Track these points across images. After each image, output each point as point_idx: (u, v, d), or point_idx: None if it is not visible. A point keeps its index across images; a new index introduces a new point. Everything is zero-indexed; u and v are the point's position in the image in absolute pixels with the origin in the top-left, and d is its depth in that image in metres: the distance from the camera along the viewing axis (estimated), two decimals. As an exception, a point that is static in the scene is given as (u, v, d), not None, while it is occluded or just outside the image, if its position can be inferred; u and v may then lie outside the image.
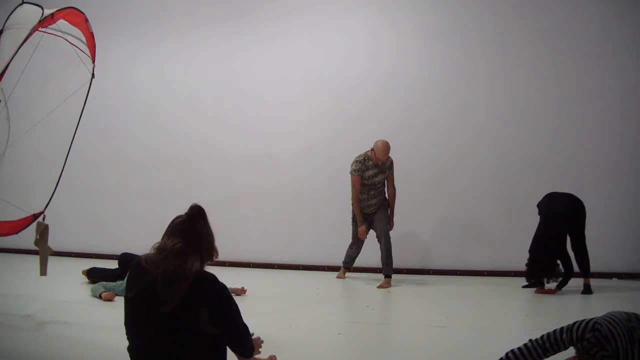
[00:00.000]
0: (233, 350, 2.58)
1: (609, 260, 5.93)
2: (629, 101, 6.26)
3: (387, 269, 5.71)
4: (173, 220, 2.46)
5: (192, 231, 2.41)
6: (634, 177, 6.21)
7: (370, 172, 5.74)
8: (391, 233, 5.80)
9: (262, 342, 2.82)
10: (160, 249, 2.36)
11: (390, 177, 5.87)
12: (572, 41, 6.33)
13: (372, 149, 5.72)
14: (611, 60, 6.26)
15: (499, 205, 6.40)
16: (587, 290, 5.27)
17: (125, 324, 2.39)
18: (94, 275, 5.29)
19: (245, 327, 2.56)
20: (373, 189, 5.79)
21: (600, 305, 4.60)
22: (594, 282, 5.36)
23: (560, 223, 5.25)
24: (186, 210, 2.48)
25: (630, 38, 6.24)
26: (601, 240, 5.64)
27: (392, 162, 5.86)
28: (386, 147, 5.67)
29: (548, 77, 6.39)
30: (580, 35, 6.32)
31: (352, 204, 5.82)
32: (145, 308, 2.30)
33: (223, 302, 2.42)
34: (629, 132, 6.25)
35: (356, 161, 5.73)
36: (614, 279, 6.02)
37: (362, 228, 5.76)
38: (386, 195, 5.94)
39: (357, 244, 5.97)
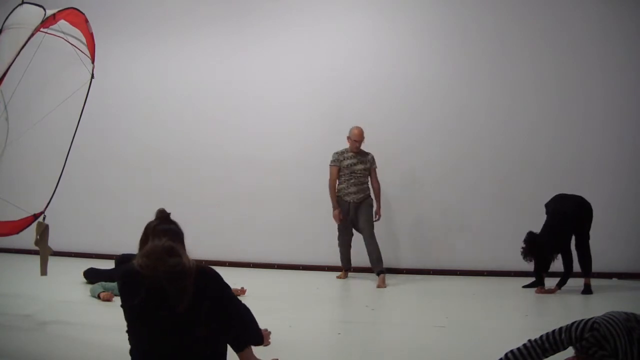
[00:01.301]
0: (241, 342, 2.59)
1: (609, 260, 5.92)
2: (629, 101, 6.26)
3: (379, 266, 5.81)
4: (148, 225, 2.49)
5: (172, 230, 2.46)
6: (634, 177, 6.21)
7: (349, 162, 6.00)
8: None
9: (270, 332, 2.86)
10: (150, 252, 2.33)
11: (373, 172, 6.08)
12: (572, 41, 6.33)
13: (348, 137, 6.01)
14: (611, 60, 6.26)
15: (499, 205, 6.40)
16: (587, 290, 5.28)
17: (130, 331, 2.37)
18: (91, 276, 5.29)
19: (250, 314, 2.60)
20: (353, 177, 6.00)
21: (600, 305, 4.60)
22: (594, 282, 5.36)
23: (566, 223, 5.25)
24: (156, 215, 2.56)
25: (631, 38, 6.23)
26: (601, 240, 5.64)
27: (373, 157, 6.10)
28: (359, 128, 6.00)
29: (548, 77, 6.39)
30: (580, 35, 6.32)
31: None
32: (151, 312, 2.28)
33: (226, 298, 2.45)
34: (629, 132, 6.25)
35: (334, 153, 6.06)
36: (614, 279, 6.02)
37: (335, 212, 5.98)
38: (371, 193, 6.07)
39: (342, 236, 6.05)
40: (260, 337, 2.69)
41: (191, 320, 2.28)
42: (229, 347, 2.53)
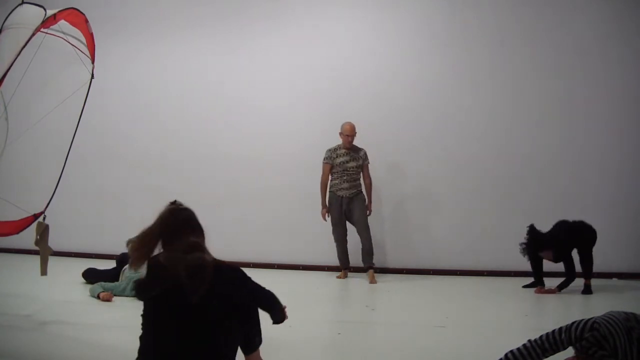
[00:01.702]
0: (251, 345, 2.66)
1: (609, 260, 5.92)
2: (630, 102, 6.26)
3: (369, 261, 5.96)
4: (172, 214, 2.58)
5: (193, 221, 2.59)
6: (634, 178, 6.21)
7: (342, 159, 6.08)
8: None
9: (286, 306, 2.89)
10: (177, 247, 2.44)
11: (365, 168, 6.17)
12: (574, 41, 6.33)
13: (340, 133, 6.08)
14: (614, 61, 6.26)
15: (499, 205, 6.40)
16: (587, 290, 5.28)
17: (144, 319, 2.42)
18: (91, 276, 5.27)
19: (273, 294, 2.72)
20: (345, 174, 6.09)
21: (600, 305, 4.60)
22: (594, 282, 5.36)
23: (570, 235, 5.27)
24: (167, 206, 2.65)
25: (634, 39, 6.24)
26: (601, 240, 5.64)
27: (366, 153, 6.17)
28: (350, 123, 6.10)
29: (551, 79, 6.38)
30: (583, 35, 6.32)
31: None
32: (165, 304, 2.35)
33: (245, 295, 2.56)
34: (630, 132, 6.25)
35: (327, 150, 6.15)
36: (614, 279, 6.02)
37: (323, 211, 6.12)
38: (362, 189, 6.16)
39: (336, 230, 6.11)
40: (283, 317, 2.80)
41: (201, 317, 2.33)
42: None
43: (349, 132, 6.07)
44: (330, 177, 6.15)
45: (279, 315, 2.78)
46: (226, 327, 2.41)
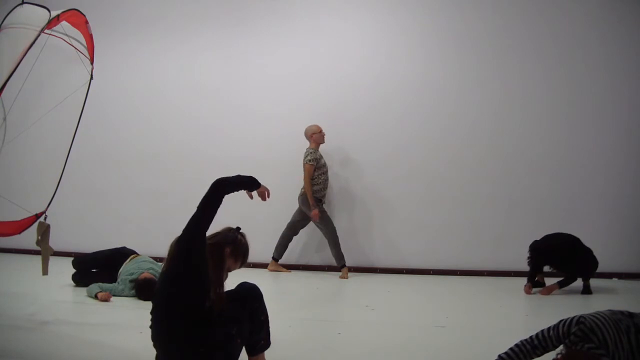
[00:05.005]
0: (255, 347, 2.78)
1: (609, 260, 5.92)
2: (631, 103, 6.27)
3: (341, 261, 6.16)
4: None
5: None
6: (636, 178, 6.22)
7: (324, 160, 6.22)
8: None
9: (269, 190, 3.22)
10: None
11: None
12: (580, 43, 6.35)
13: (313, 135, 6.21)
14: (619, 63, 6.28)
15: (499, 206, 6.40)
16: (586, 290, 5.29)
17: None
18: (85, 278, 5.17)
19: (213, 186, 2.94)
20: (327, 177, 6.24)
21: (600, 306, 4.54)
22: (594, 282, 5.37)
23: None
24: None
25: (636, 38, 6.25)
26: (601, 240, 5.65)
27: None
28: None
29: (552, 80, 6.40)
30: (584, 35, 6.35)
31: (305, 189, 6.14)
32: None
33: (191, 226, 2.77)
34: (630, 133, 6.27)
35: (309, 152, 6.18)
36: (614, 279, 6.03)
37: (316, 211, 6.07)
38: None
39: (292, 234, 6.35)
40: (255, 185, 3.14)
41: (165, 286, 2.61)
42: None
43: (321, 131, 6.25)
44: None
45: (243, 186, 3.04)
46: (183, 289, 2.60)
